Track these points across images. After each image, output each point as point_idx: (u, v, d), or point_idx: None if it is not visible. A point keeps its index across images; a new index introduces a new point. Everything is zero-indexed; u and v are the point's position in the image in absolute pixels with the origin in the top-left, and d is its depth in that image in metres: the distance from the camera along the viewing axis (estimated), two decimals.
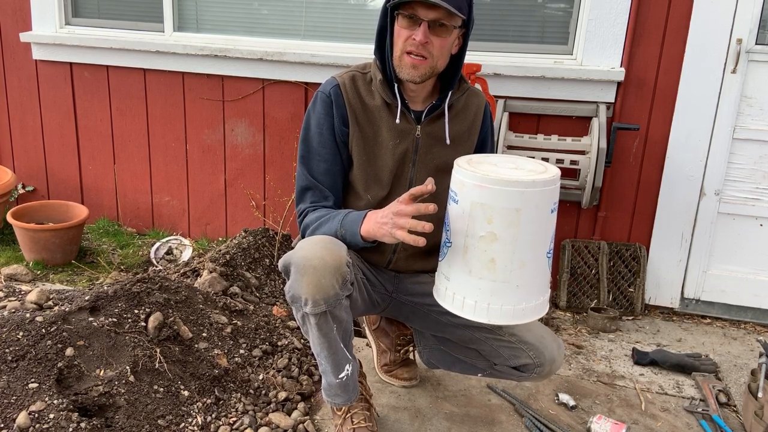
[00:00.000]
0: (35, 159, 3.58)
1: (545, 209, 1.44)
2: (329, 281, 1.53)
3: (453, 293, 1.52)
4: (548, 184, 1.42)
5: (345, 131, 1.73)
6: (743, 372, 2.40)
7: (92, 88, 3.37)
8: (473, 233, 1.44)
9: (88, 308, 2.01)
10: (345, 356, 1.70)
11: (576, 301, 2.88)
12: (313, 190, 1.75)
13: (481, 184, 1.41)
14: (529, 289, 1.48)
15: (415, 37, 1.59)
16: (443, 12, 1.58)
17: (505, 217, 1.41)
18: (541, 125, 2.84)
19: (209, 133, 3.27)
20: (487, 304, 1.47)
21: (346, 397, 1.78)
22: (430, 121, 1.75)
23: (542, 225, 1.45)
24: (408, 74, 1.64)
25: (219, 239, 3.39)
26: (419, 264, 1.86)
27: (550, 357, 1.72)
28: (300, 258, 1.55)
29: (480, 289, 1.47)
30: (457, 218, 1.48)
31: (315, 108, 1.75)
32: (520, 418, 2.04)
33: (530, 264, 1.46)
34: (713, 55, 2.62)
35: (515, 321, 1.49)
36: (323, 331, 1.61)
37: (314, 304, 1.54)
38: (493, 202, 1.41)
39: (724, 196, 2.77)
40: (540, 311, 1.53)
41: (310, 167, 1.76)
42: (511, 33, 2.89)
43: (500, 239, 1.43)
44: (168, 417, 1.82)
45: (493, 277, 1.45)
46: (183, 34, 3.23)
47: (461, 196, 1.46)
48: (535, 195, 1.41)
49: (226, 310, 2.35)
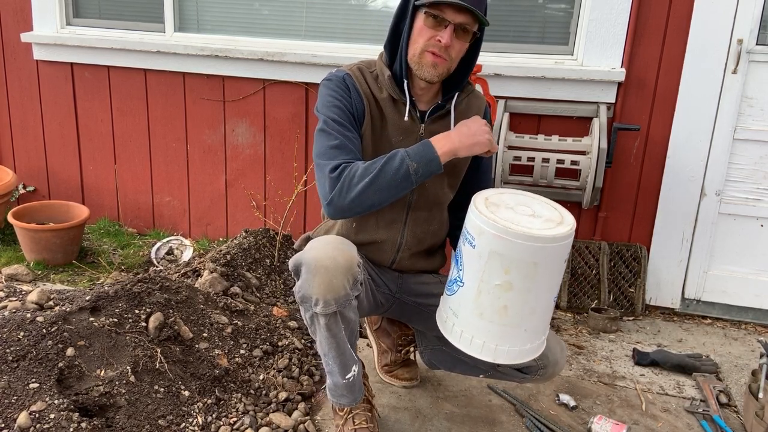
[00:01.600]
0: (36, 159, 3.58)
1: (561, 260, 1.47)
2: (340, 281, 1.53)
3: (461, 330, 1.55)
4: (567, 238, 1.45)
5: (361, 116, 1.68)
6: (744, 372, 2.40)
7: (93, 88, 3.37)
8: (488, 280, 1.46)
9: (88, 308, 2.01)
10: (352, 357, 1.70)
11: (577, 301, 2.88)
12: (344, 150, 1.60)
13: (501, 235, 1.42)
14: (535, 331, 1.53)
15: (441, 39, 1.58)
16: (471, 17, 1.58)
17: (522, 270, 1.44)
18: (541, 125, 2.84)
19: (210, 133, 3.27)
20: (495, 345, 1.51)
21: (352, 397, 1.78)
22: (433, 121, 1.75)
23: (556, 274, 1.48)
24: (428, 72, 1.63)
25: (219, 239, 3.39)
26: (422, 263, 1.86)
27: (554, 359, 1.72)
28: (311, 258, 1.54)
29: (490, 332, 1.50)
30: (473, 262, 1.49)
31: (330, 86, 1.68)
32: (521, 418, 2.04)
33: (540, 310, 1.50)
34: (714, 55, 2.62)
35: (519, 360, 1.54)
36: (332, 331, 1.60)
37: (325, 305, 1.53)
38: (512, 254, 1.43)
39: (724, 197, 2.76)
40: (540, 349, 1.58)
41: (339, 126, 1.63)
42: (511, 33, 2.89)
43: (515, 289, 1.45)
44: (168, 417, 1.82)
45: (504, 322, 1.49)
46: (184, 34, 3.23)
47: (479, 242, 1.47)
48: (555, 250, 1.44)
49: (227, 311, 2.35)
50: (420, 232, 1.77)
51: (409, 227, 1.79)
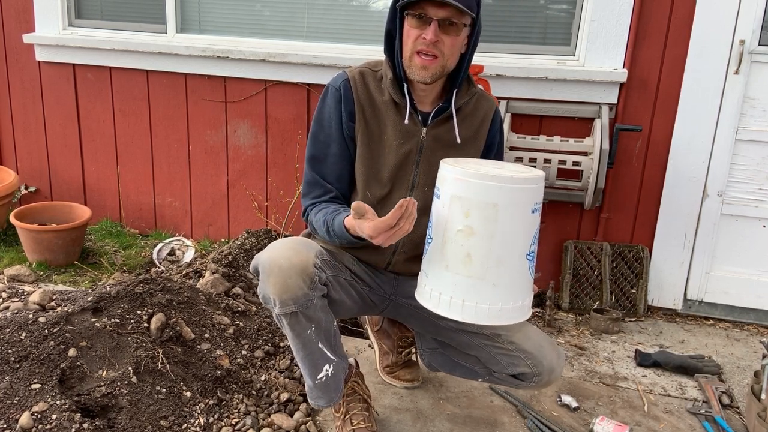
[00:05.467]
0: (38, 160, 3.58)
1: (525, 208, 1.43)
2: (296, 282, 1.53)
3: (431, 290, 1.51)
4: (528, 182, 1.42)
5: (351, 126, 1.74)
6: (746, 373, 2.40)
7: (95, 89, 3.38)
8: (451, 227, 1.44)
9: (90, 309, 2.01)
10: (324, 356, 1.69)
11: (578, 302, 2.88)
12: (316, 186, 1.77)
13: (460, 177, 1.42)
14: (507, 289, 1.46)
15: (426, 36, 1.58)
16: (453, 10, 1.57)
17: (482, 211, 1.41)
18: (543, 126, 2.84)
19: (212, 134, 3.27)
20: (462, 300, 1.46)
21: (328, 398, 1.76)
22: (437, 124, 1.74)
23: (521, 224, 1.44)
24: (418, 75, 1.63)
25: (221, 240, 3.39)
26: (418, 266, 1.86)
27: (549, 366, 1.70)
28: (266, 259, 1.57)
29: (456, 285, 1.46)
30: (438, 213, 1.48)
31: (324, 101, 1.76)
32: (523, 419, 2.04)
33: (508, 263, 1.45)
34: (716, 56, 2.62)
35: (490, 321, 1.47)
36: (296, 331, 1.61)
37: (282, 305, 1.54)
38: (470, 195, 1.41)
39: (727, 198, 2.76)
40: (518, 315, 1.50)
41: (314, 162, 1.78)
42: (513, 34, 2.88)
43: (477, 234, 1.42)
44: (170, 418, 1.82)
45: (469, 272, 1.44)
46: (186, 35, 3.23)
47: (443, 190, 1.47)
48: (514, 191, 1.40)
49: (229, 311, 2.35)
50: (417, 236, 1.76)
51: None
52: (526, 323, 1.74)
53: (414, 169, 1.75)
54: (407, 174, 1.75)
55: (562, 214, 2.91)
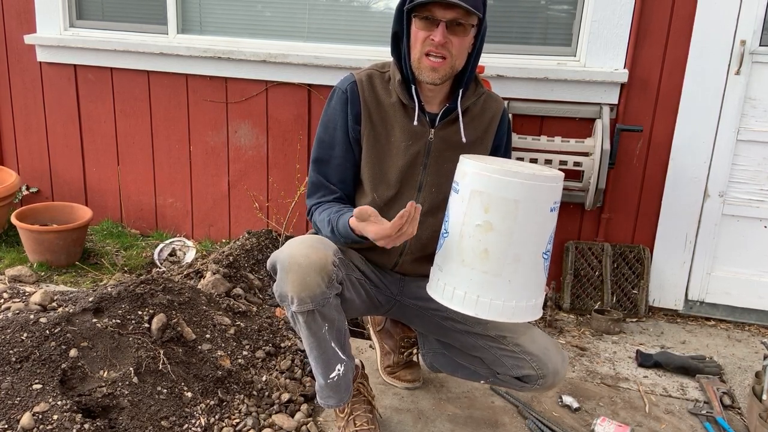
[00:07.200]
0: (39, 161, 3.59)
1: (544, 206, 1.43)
2: (314, 279, 1.53)
3: (444, 284, 1.51)
4: (549, 181, 1.42)
5: (357, 129, 1.74)
6: (748, 374, 2.40)
7: (96, 90, 3.38)
8: (470, 221, 1.44)
9: (91, 310, 2.01)
10: (336, 356, 1.69)
11: (579, 302, 2.88)
12: (321, 187, 1.78)
13: (481, 172, 1.42)
14: (522, 287, 1.46)
15: (434, 38, 1.58)
16: (460, 11, 1.58)
17: (502, 207, 1.41)
18: (544, 127, 2.84)
19: (213, 134, 3.27)
20: (477, 296, 1.45)
21: (338, 398, 1.77)
22: (445, 125, 1.74)
23: (540, 222, 1.44)
24: (428, 77, 1.64)
25: (222, 241, 3.39)
26: (425, 268, 1.85)
27: (554, 369, 1.69)
28: (285, 256, 1.57)
29: (471, 280, 1.46)
30: (456, 207, 1.48)
31: (330, 104, 1.77)
32: (524, 420, 2.04)
33: (525, 260, 1.44)
34: (717, 56, 2.62)
35: (503, 318, 1.47)
36: (312, 330, 1.61)
37: (300, 302, 1.54)
38: (491, 191, 1.41)
39: (728, 198, 2.76)
40: (531, 314, 1.49)
41: (319, 164, 1.79)
42: (514, 34, 2.89)
43: (496, 229, 1.42)
44: (171, 418, 1.82)
45: (485, 268, 1.44)
46: (187, 36, 3.24)
47: (462, 185, 1.47)
48: (535, 188, 1.41)
49: (230, 312, 2.35)
50: (424, 237, 1.77)
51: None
52: (532, 326, 1.75)
53: (422, 171, 1.74)
54: (415, 175, 1.75)
55: (563, 215, 2.91)
